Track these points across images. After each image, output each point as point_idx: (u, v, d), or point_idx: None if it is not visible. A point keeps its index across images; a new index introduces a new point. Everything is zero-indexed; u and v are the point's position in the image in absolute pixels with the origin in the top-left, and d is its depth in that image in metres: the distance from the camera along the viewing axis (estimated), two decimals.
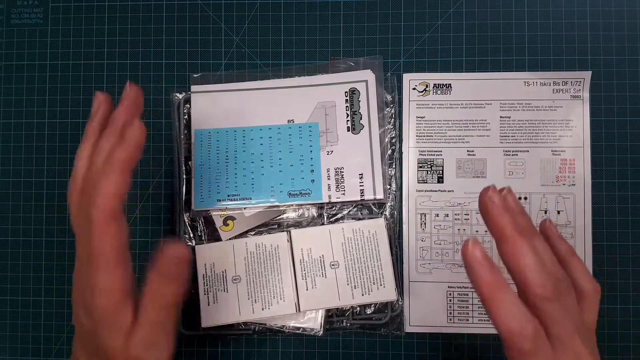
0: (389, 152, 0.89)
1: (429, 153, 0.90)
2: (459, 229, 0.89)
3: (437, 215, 0.90)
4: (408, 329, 0.89)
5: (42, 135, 0.93)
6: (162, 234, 0.91)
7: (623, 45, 0.91)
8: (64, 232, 0.92)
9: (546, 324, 0.58)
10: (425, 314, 0.89)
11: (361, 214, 0.89)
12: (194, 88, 0.91)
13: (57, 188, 0.92)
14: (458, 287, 0.89)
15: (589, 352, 0.59)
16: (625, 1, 0.91)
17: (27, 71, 0.94)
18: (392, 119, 0.90)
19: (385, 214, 0.89)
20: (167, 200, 0.91)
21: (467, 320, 0.88)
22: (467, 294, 0.88)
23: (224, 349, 0.90)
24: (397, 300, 0.87)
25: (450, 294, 0.89)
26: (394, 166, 0.89)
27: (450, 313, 0.89)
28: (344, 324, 0.88)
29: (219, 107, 0.90)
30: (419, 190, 0.90)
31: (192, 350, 0.90)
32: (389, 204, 0.89)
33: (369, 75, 0.90)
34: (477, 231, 0.89)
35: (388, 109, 0.90)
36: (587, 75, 0.89)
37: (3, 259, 0.93)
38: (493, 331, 0.84)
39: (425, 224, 0.90)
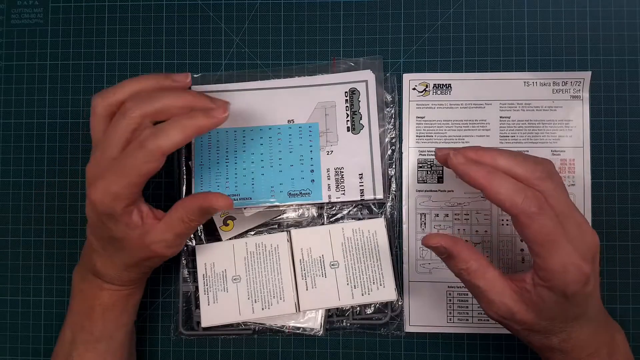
0: (389, 152, 0.89)
1: (429, 153, 0.90)
2: (459, 229, 0.89)
3: (437, 215, 0.90)
4: (408, 328, 0.89)
5: (42, 135, 0.93)
6: None
7: (623, 45, 0.91)
8: (64, 232, 0.92)
9: (546, 198, 0.65)
10: (425, 314, 0.89)
11: (361, 214, 0.89)
12: (194, 88, 0.91)
13: (57, 188, 0.92)
14: (458, 287, 0.89)
15: (586, 221, 0.68)
16: (625, 1, 0.91)
17: (27, 71, 0.94)
18: (392, 119, 0.90)
19: (385, 214, 0.89)
20: (168, 201, 0.91)
21: (467, 320, 0.88)
22: (467, 294, 0.88)
23: (223, 349, 0.90)
24: (397, 300, 0.87)
25: (450, 294, 0.89)
26: (394, 166, 0.89)
27: (450, 313, 0.89)
28: (344, 324, 0.88)
29: None
30: (419, 190, 0.90)
31: (192, 350, 0.90)
32: (389, 204, 0.89)
33: (369, 75, 0.90)
34: (477, 231, 0.89)
35: (388, 109, 0.90)
36: (587, 75, 0.89)
37: (3, 259, 0.93)
38: (493, 331, 0.85)
39: (425, 224, 0.90)
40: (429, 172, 0.90)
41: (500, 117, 0.90)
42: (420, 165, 0.90)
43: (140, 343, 0.90)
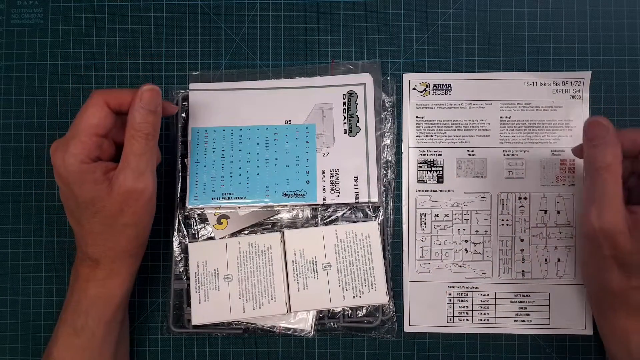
0: (386, 155, 0.89)
1: (429, 153, 0.90)
2: (459, 229, 0.89)
3: (437, 215, 0.90)
4: (408, 328, 0.89)
5: (42, 135, 0.94)
6: (162, 235, 0.92)
7: (623, 45, 0.90)
8: (64, 232, 0.93)
9: None
10: (425, 314, 0.89)
11: (355, 216, 0.89)
12: (192, 86, 0.91)
13: (57, 188, 0.91)
14: (458, 287, 0.89)
15: None
16: (625, 1, 0.90)
17: (27, 71, 0.94)
18: (391, 122, 0.90)
19: (379, 217, 0.89)
20: (168, 201, 0.91)
21: (467, 320, 0.88)
22: (467, 294, 0.88)
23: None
24: (388, 304, 0.87)
25: (450, 294, 0.89)
26: (392, 168, 0.89)
27: (450, 313, 0.89)
28: (335, 325, 0.88)
29: (216, 105, 0.91)
30: (419, 190, 0.90)
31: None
32: (383, 207, 0.89)
33: (367, 78, 0.90)
34: (477, 231, 0.89)
35: (386, 112, 0.90)
36: (587, 75, 0.89)
37: (3, 259, 0.93)
38: (493, 331, 0.85)
39: (425, 224, 0.90)
40: (429, 172, 0.90)
41: (500, 117, 0.90)
42: (420, 165, 0.90)
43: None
